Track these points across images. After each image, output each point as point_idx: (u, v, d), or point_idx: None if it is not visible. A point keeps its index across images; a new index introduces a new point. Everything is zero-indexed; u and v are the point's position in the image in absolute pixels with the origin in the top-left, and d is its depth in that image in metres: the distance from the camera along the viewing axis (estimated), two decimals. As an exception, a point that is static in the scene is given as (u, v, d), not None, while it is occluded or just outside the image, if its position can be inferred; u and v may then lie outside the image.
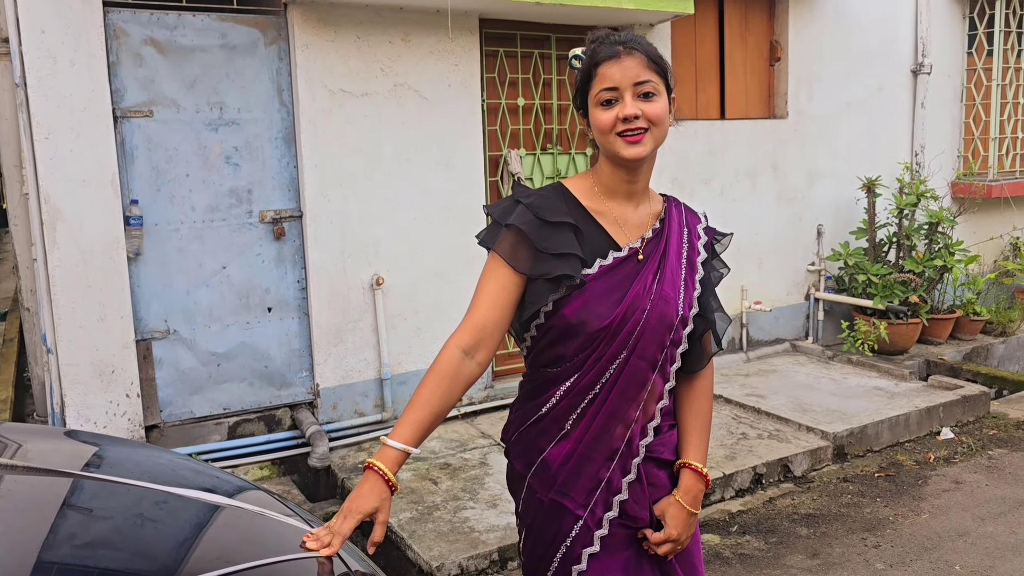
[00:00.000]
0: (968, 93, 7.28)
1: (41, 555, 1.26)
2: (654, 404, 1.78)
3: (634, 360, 1.71)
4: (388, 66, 4.63)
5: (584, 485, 1.74)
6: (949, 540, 3.72)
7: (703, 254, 1.85)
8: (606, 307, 1.70)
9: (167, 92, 4.14)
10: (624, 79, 1.67)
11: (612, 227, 1.77)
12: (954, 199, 7.17)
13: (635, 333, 1.70)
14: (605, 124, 1.69)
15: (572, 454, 1.74)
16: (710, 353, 1.89)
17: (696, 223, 1.88)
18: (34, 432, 2.02)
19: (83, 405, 3.99)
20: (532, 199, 1.73)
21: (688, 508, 1.81)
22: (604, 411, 1.72)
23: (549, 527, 1.77)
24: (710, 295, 1.84)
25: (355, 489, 1.60)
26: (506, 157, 5.11)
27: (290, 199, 4.50)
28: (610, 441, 1.74)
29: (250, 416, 4.50)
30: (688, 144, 5.73)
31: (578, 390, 1.72)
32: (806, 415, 4.89)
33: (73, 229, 3.91)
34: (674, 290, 1.76)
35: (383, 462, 1.60)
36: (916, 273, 6.16)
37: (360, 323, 4.69)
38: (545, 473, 1.77)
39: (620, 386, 1.72)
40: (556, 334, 1.73)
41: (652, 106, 1.68)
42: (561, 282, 1.68)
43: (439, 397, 1.65)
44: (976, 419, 5.21)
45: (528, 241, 1.69)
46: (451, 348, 1.68)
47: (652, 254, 1.77)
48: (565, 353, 1.73)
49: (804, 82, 6.31)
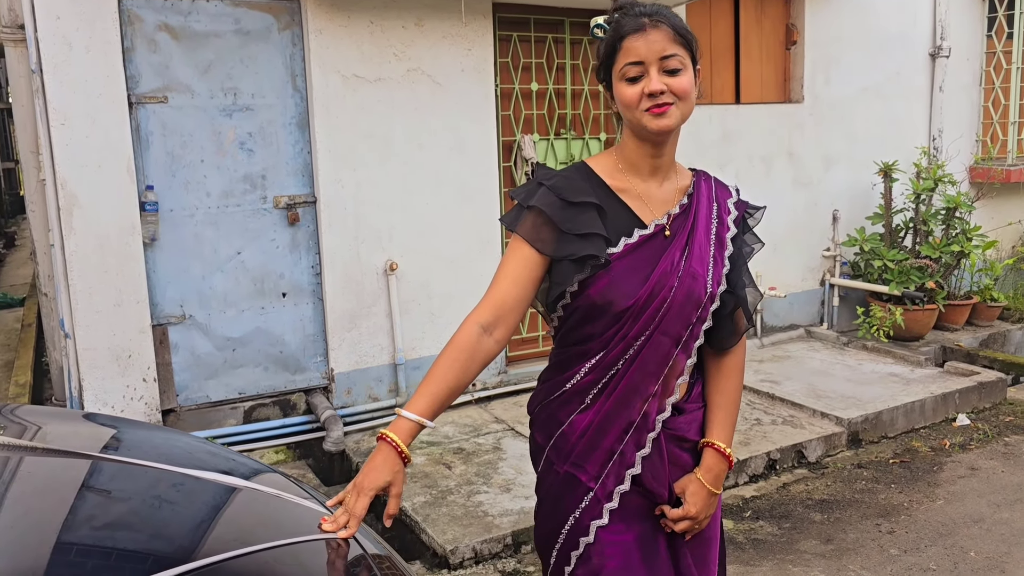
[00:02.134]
0: (987, 76, 7.19)
1: (61, 536, 1.28)
2: (674, 379, 1.76)
3: (657, 336, 1.70)
4: (401, 51, 4.62)
5: (598, 457, 1.74)
6: (964, 526, 3.71)
7: (732, 229, 1.80)
8: (632, 286, 1.68)
9: (181, 78, 4.15)
10: (650, 53, 1.64)
11: (636, 204, 1.75)
12: (972, 184, 7.09)
13: (662, 310, 1.69)
14: (631, 99, 1.66)
15: (590, 426, 1.74)
16: (742, 330, 1.85)
17: (727, 197, 1.84)
18: (53, 415, 2.04)
19: (101, 389, 4.03)
20: (554, 180, 1.72)
21: (708, 487, 1.79)
22: (624, 385, 1.72)
23: (562, 498, 1.78)
24: (740, 271, 1.80)
25: (367, 463, 1.59)
26: (520, 142, 5.09)
27: (304, 184, 4.50)
28: (628, 414, 1.73)
29: (265, 401, 4.53)
30: (703, 129, 5.69)
31: (603, 365, 1.72)
32: (820, 401, 4.87)
33: (89, 215, 3.93)
34: (702, 267, 1.73)
35: (396, 433, 1.59)
36: (933, 259, 6.10)
37: (374, 308, 4.70)
38: (563, 445, 1.77)
39: (641, 361, 1.71)
40: (583, 314, 1.72)
41: (678, 80, 1.66)
42: (586, 262, 1.67)
43: (456, 372, 1.65)
44: (992, 406, 5.18)
45: (551, 222, 1.69)
46: (470, 324, 1.68)
47: (680, 230, 1.74)
48: (593, 332, 1.72)
49: (821, 66, 6.24)
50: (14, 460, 1.52)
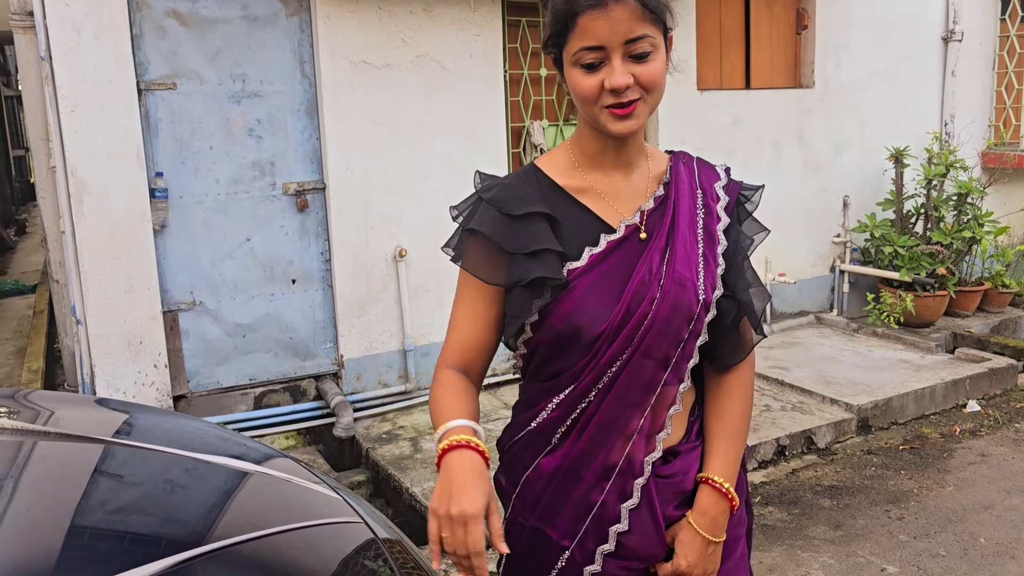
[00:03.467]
0: (1000, 60, 7.11)
1: (74, 520, 1.29)
2: (664, 411, 1.44)
3: (638, 359, 1.39)
4: (410, 37, 4.61)
5: (571, 510, 1.44)
6: (974, 513, 3.70)
7: (724, 219, 1.48)
8: (603, 306, 1.38)
9: (190, 64, 4.15)
10: (612, 36, 1.30)
11: (599, 205, 1.44)
12: (984, 169, 7.03)
13: (641, 328, 1.38)
14: (588, 93, 1.35)
15: (557, 472, 1.44)
16: (750, 343, 1.51)
17: (714, 181, 1.53)
18: (66, 400, 2.05)
19: (112, 375, 4.05)
20: (495, 191, 1.45)
21: (704, 534, 1.44)
22: (597, 421, 1.41)
23: (530, 557, 1.48)
24: (740, 270, 1.47)
25: (444, 484, 1.28)
26: (529, 128, 5.07)
27: (313, 171, 4.50)
28: (605, 457, 1.42)
29: (275, 387, 4.55)
30: (712, 114, 5.65)
31: (571, 399, 1.42)
32: (830, 387, 4.86)
33: (99, 201, 3.94)
34: (690, 270, 1.41)
35: (464, 435, 1.33)
36: (944, 245, 6.07)
37: (383, 295, 4.71)
38: (528, 493, 1.48)
39: (618, 390, 1.39)
40: (548, 348, 1.42)
41: (647, 69, 1.33)
42: (542, 285, 1.37)
43: (462, 395, 1.44)
44: (1003, 392, 5.15)
45: (494, 245, 1.40)
46: (444, 369, 1.47)
47: (657, 228, 1.43)
48: (563, 367, 1.42)
49: (831, 50, 6.19)
50: (27, 445, 1.53)
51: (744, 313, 1.48)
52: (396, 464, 4.04)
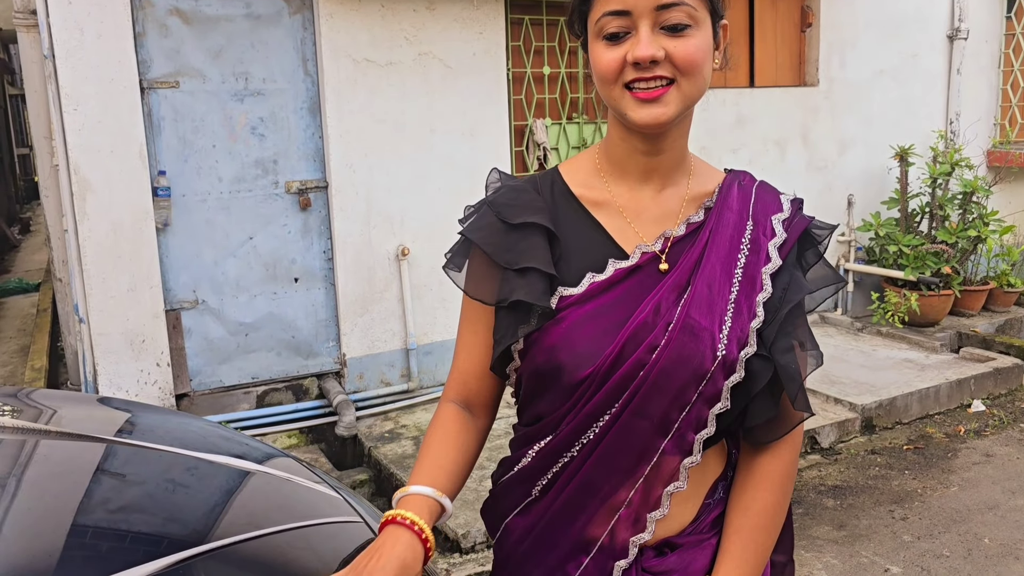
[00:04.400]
0: (1006, 59, 7.08)
1: (76, 518, 1.29)
2: (661, 487, 1.18)
3: (628, 417, 1.15)
4: (412, 35, 4.60)
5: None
6: (978, 513, 3.69)
7: (775, 261, 1.20)
8: (594, 344, 1.15)
9: (193, 63, 4.15)
10: (640, 1, 1.09)
11: (616, 224, 1.21)
12: (990, 168, 7.01)
13: (635, 380, 1.14)
14: (607, 69, 1.12)
15: (532, 530, 1.23)
16: (792, 420, 1.23)
17: (772, 212, 1.25)
18: (68, 399, 2.05)
19: (115, 374, 4.06)
20: (500, 194, 1.24)
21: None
22: (576, 482, 1.18)
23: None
24: (784, 325, 1.20)
25: (369, 553, 1.09)
26: (532, 127, 5.07)
27: (316, 169, 4.50)
28: (583, 526, 1.19)
29: (278, 385, 4.55)
30: (716, 113, 5.64)
31: (549, 451, 1.21)
32: (834, 387, 4.85)
33: (102, 200, 3.94)
34: (711, 317, 1.15)
35: (410, 510, 1.12)
36: (949, 244, 6.05)
37: (386, 294, 4.70)
38: (503, 546, 1.29)
39: (604, 450, 1.16)
40: (529, 385, 1.22)
41: (683, 44, 1.10)
42: (529, 310, 1.17)
43: (452, 443, 1.22)
44: (1008, 392, 5.14)
45: (488, 257, 1.20)
46: (445, 403, 1.28)
47: (681, 261, 1.18)
48: (542, 412, 1.22)
49: (836, 48, 6.17)
50: (30, 444, 1.53)
51: (784, 381, 1.20)
52: (398, 463, 4.04)
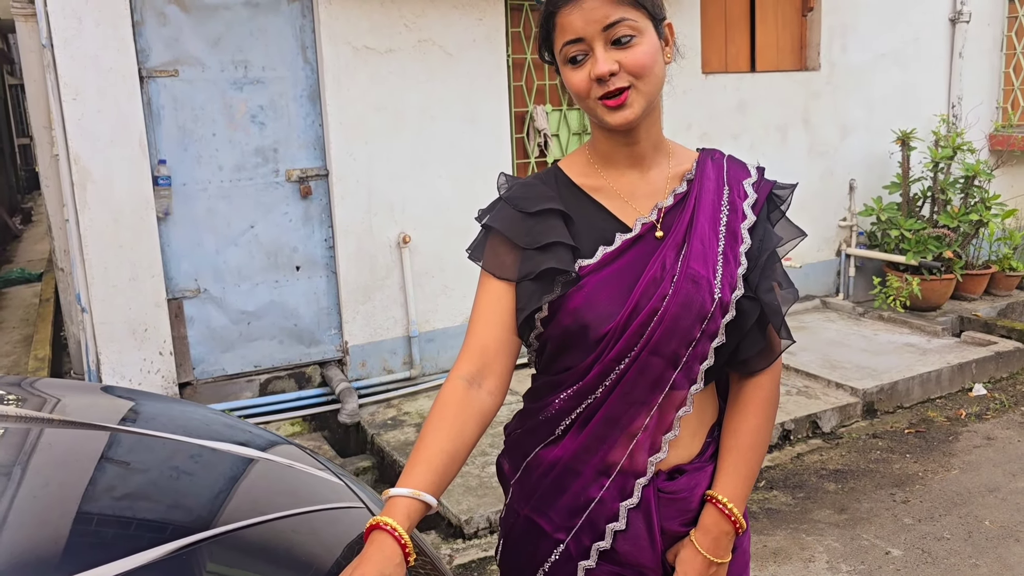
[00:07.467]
0: (1009, 42, 7.05)
1: (81, 506, 1.30)
2: (673, 412, 1.41)
3: (646, 356, 1.36)
4: (412, 21, 4.58)
5: (566, 503, 1.43)
6: (979, 496, 3.70)
7: (750, 218, 1.44)
8: (612, 303, 1.37)
9: (192, 51, 4.13)
10: (588, 25, 1.33)
11: (616, 204, 1.44)
12: (992, 152, 6.98)
13: (651, 325, 1.36)
14: (579, 87, 1.37)
15: (556, 463, 1.43)
16: (777, 348, 1.46)
17: (743, 178, 1.49)
18: (72, 388, 2.06)
19: (118, 363, 4.07)
20: (513, 190, 1.47)
21: (705, 554, 1.41)
22: (600, 416, 1.39)
23: (524, 547, 1.48)
24: (765, 270, 1.43)
25: (357, 563, 1.21)
26: (532, 113, 5.05)
27: (316, 157, 4.50)
28: (605, 453, 1.40)
29: (280, 373, 4.57)
30: (717, 98, 5.62)
31: (579, 393, 1.41)
32: (836, 371, 4.86)
33: (103, 189, 3.94)
34: (707, 267, 1.38)
35: (392, 516, 1.24)
36: (951, 228, 6.04)
37: (387, 281, 4.71)
38: (527, 481, 1.48)
39: (624, 386, 1.38)
40: (557, 343, 1.42)
41: (630, 54, 1.33)
42: (553, 279, 1.38)
43: (447, 432, 1.34)
44: (1010, 375, 5.14)
45: (509, 242, 1.42)
46: (452, 379, 1.40)
47: (675, 225, 1.41)
48: (570, 364, 1.42)
49: (838, 32, 6.14)
50: (34, 432, 1.54)
51: (767, 315, 1.43)
52: (401, 450, 4.05)
